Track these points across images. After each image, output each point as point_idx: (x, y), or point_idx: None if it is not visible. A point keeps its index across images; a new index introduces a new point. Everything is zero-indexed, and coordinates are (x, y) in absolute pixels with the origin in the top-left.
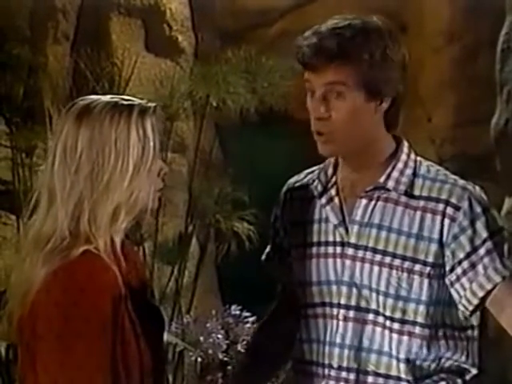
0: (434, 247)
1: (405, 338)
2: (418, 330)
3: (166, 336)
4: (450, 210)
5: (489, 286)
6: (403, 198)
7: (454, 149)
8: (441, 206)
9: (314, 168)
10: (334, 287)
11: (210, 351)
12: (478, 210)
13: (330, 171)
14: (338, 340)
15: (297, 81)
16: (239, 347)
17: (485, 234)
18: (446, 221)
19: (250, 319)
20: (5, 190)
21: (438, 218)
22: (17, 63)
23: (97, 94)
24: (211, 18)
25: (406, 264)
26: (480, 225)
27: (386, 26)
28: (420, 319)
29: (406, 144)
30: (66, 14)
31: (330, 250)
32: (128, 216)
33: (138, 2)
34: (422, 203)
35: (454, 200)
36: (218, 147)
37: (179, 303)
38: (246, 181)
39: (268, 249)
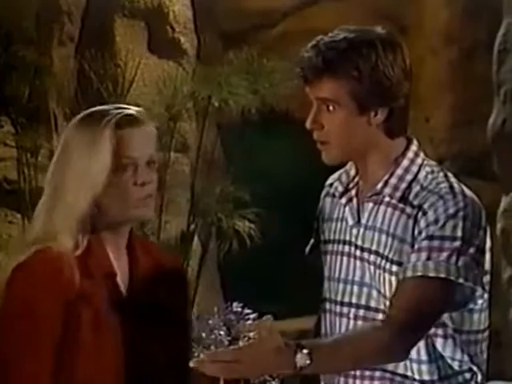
0: (410, 251)
1: None
2: None
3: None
4: (419, 215)
5: (400, 276)
6: (401, 204)
7: (452, 149)
8: (415, 212)
9: (347, 167)
10: (347, 286)
11: (212, 347)
12: (441, 216)
13: (353, 172)
14: None
15: (298, 82)
16: (241, 343)
17: (429, 233)
18: (415, 225)
19: (252, 316)
20: (10, 190)
21: (411, 222)
22: (22, 64)
23: (101, 95)
24: (213, 19)
25: (394, 268)
26: (433, 227)
27: (386, 37)
28: None
29: (412, 148)
30: (71, 16)
31: (346, 248)
32: (102, 223)
33: (141, 4)
34: (410, 210)
35: (425, 206)
36: (220, 147)
37: None
38: (248, 180)
39: (312, 241)
